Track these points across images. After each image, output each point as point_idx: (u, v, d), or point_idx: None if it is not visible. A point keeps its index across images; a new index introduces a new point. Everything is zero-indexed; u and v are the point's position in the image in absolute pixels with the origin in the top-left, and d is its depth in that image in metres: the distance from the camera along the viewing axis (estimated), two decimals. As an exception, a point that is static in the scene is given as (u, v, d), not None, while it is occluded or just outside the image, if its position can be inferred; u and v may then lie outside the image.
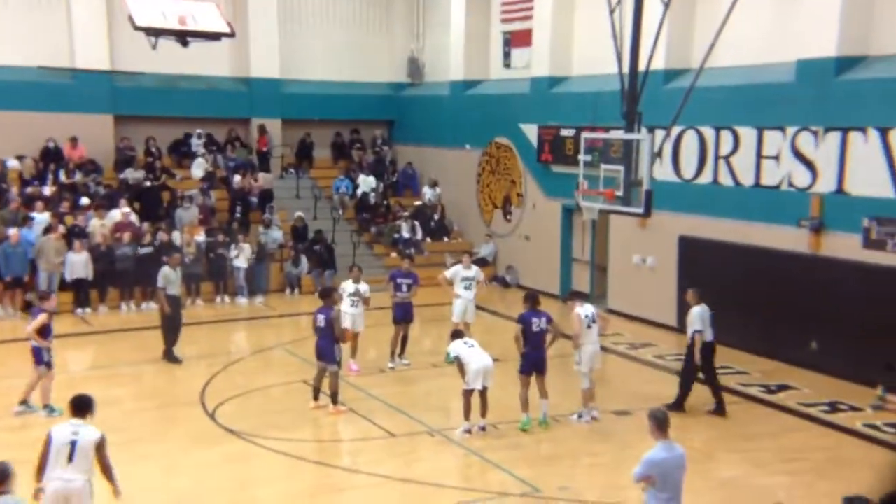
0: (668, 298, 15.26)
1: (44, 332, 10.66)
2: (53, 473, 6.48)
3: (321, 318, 10.90)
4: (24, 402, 10.76)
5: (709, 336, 10.85)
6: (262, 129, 21.20)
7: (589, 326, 10.62)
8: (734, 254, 13.97)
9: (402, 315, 12.98)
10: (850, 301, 12.18)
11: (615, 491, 8.60)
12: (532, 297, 10.57)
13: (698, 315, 10.77)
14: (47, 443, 6.62)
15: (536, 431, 10.36)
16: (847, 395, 11.67)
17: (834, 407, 11.30)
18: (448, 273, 13.53)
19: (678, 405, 10.86)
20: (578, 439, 10.37)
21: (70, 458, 6.46)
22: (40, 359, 10.66)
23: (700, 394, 11.70)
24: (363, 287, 12.56)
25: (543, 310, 10.52)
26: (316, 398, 11.11)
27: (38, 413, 10.60)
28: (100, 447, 6.62)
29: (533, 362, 10.29)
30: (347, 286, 12.60)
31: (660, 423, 6.24)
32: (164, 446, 9.94)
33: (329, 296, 11.32)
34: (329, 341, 10.88)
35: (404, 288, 12.96)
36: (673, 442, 6.26)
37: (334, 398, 10.93)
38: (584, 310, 10.72)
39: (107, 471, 6.74)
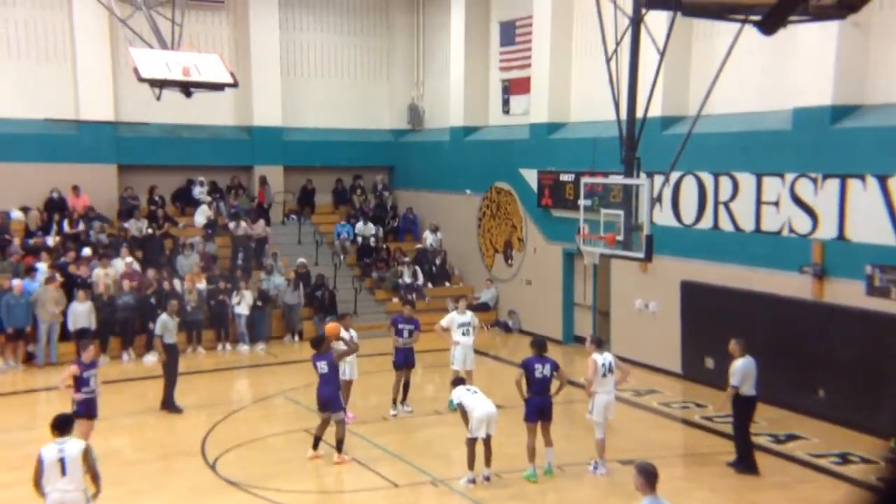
0: (672, 344, 15.20)
1: (77, 383, 10.25)
2: (51, 486, 7.31)
3: (322, 364, 10.84)
4: None
5: (750, 390, 10.31)
6: (262, 181, 21.36)
7: (605, 375, 10.39)
8: (737, 299, 13.94)
9: (404, 361, 12.92)
10: (856, 349, 12.08)
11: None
12: (539, 344, 10.51)
13: (741, 369, 10.21)
14: (39, 462, 7.36)
15: (542, 481, 10.22)
16: (858, 445, 11.43)
17: (844, 458, 11.11)
18: (444, 321, 13.43)
19: (748, 467, 10.46)
20: (584, 489, 10.23)
21: (63, 472, 7.29)
22: (78, 410, 10.08)
23: (713, 443, 11.55)
24: (353, 334, 12.49)
25: (549, 356, 10.46)
26: (315, 447, 10.99)
27: None
28: (85, 455, 7.39)
29: (538, 409, 10.17)
30: (343, 335, 12.29)
31: (648, 478, 6.08)
32: (165, 498, 9.83)
33: (322, 342, 11.22)
34: (333, 388, 10.82)
35: (405, 333, 12.92)
36: (660, 498, 6.12)
37: (339, 446, 10.83)
38: (603, 357, 10.47)
39: (94, 477, 7.48)
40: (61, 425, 7.49)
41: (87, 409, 10.29)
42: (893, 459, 2.71)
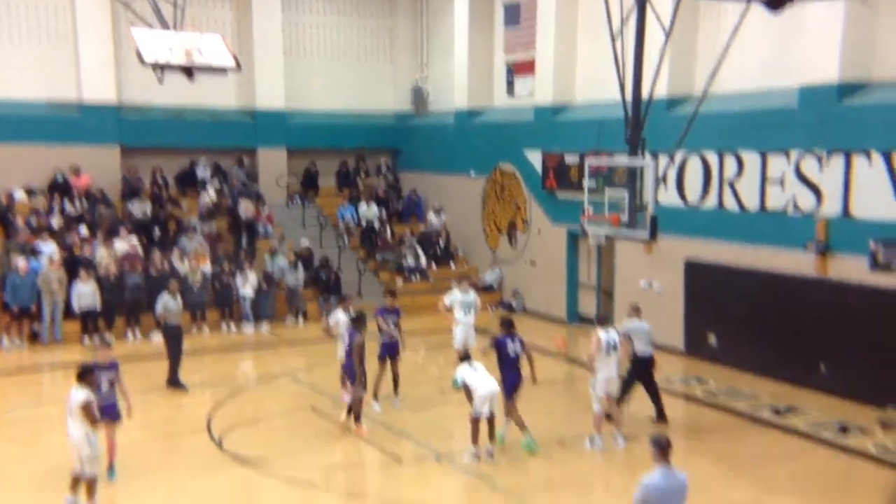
0: (676, 322, 15.22)
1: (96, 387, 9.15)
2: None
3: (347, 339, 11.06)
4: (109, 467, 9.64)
5: (646, 351, 11.36)
6: (235, 162, 21.30)
7: (608, 353, 10.50)
8: (741, 277, 13.95)
9: (387, 351, 12.32)
10: (858, 323, 12.14)
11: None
12: (508, 322, 10.65)
13: (624, 326, 11.37)
14: None
15: (549, 455, 10.26)
16: (857, 417, 11.59)
17: (844, 429, 11.20)
18: (446, 300, 13.39)
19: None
20: (588, 465, 10.29)
21: (69, 413, 8.43)
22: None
23: (715, 417, 11.59)
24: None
25: (518, 334, 10.54)
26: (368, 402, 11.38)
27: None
28: (83, 409, 8.32)
29: (514, 384, 10.30)
30: (341, 317, 12.15)
31: (662, 449, 6.24)
32: (170, 475, 9.89)
33: (362, 320, 11.05)
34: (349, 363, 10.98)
35: (391, 324, 12.31)
36: (674, 468, 6.21)
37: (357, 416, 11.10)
38: (608, 335, 10.58)
39: (92, 424, 8.43)
40: (78, 374, 8.56)
41: (103, 413, 9.10)
42: None
